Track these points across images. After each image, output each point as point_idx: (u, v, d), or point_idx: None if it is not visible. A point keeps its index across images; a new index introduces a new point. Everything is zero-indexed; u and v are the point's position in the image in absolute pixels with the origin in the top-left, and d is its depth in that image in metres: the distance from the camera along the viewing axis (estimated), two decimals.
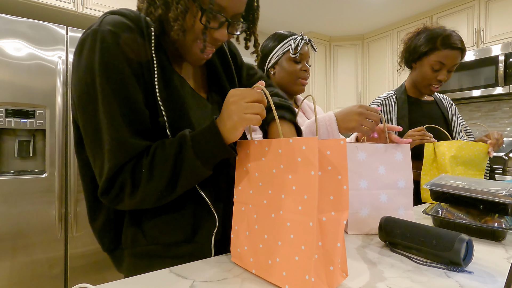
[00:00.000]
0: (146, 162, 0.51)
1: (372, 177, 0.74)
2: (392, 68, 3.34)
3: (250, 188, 0.51)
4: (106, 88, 0.49)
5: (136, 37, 0.52)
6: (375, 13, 3.13)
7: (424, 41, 1.17)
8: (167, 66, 0.57)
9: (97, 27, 0.50)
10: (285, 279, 0.43)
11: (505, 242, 0.66)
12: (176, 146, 0.50)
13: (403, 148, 0.75)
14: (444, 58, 1.13)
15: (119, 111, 0.49)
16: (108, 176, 0.50)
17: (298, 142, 0.43)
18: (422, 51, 1.17)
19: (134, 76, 0.51)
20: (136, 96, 0.52)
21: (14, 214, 1.42)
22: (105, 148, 0.50)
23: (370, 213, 0.73)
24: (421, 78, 1.21)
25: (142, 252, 0.58)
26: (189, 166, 0.50)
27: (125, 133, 0.50)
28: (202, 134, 0.51)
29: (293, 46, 1.05)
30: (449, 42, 1.11)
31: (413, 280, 0.47)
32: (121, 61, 0.50)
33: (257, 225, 0.48)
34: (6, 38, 1.44)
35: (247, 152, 0.52)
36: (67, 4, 1.86)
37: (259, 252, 0.47)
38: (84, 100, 0.50)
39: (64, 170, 1.56)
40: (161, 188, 0.51)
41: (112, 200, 0.52)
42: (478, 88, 2.51)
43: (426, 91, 1.24)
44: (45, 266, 1.49)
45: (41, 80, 1.51)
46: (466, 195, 0.72)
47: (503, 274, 0.50)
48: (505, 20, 2.48)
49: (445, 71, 1.16)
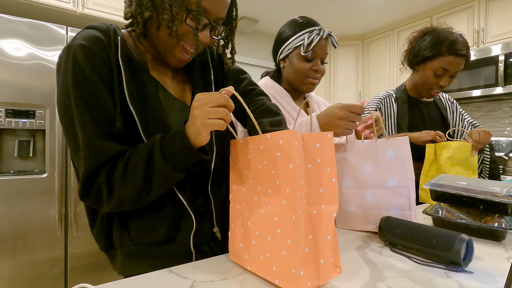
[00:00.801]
0: (120, 166, 0.52)
1: (355, 176, 0.73)
2: (392, 68, 3.34)
3: (243, 186, 0.52)
4: (77, 97, 0.52)
5: (105, 47, 0.56)
6: (375, 13, 3.13)
7: (430, 45, 1.14)
8: (139, 72, 0.59)
9: (71, 42, 0.55)
10: (275, 274, 0.43)
11: (505, 242, 0.66)
12: (147, 151, 0.52)
13: (396, 144, 0.69)
14: (448, 64, 1.11)
15: (91, 118, 0.52)
16: (83, 180, 0.52)
17: (275, 136, 0.43)
18: (426, 55, 1.15)
19: (104, 83, 0.54)
20: (107, 102, 0.54)
21: (14, 214, 1.42)
22: (81, 155, 0.52)
23: (356, 211, 0.73)
24: (423, 81, 1.20)
25: (129, 252, 0.60)
26: (160, 170, 0.51)
27: (97, 138, 0.52)
28: (171, 138, 0.52)
29: (305, 42, 0.91)
30: (455, 49, 1.09)
31: (413, 280, 0.47)
32: (90, 70, 0.53)
33: (249, 222, 0.49)
34: (6, 38, 1.43)
35: (236, 151, 0.52)
36: (67, 4, 1.86)
37: (252, 249, 0.48)
38: (63, 110, 0.53)
39: (64, 170, 1.56)
40: (135, 191, 0.52)
41: (93, 202, 0.55)
42: (478, 88, 2.51)
43: (426, 94, 1.23)
44: (45, 266, 1.49)
45: (41, 80, 1.51)
46: (466, 195, 0.71)
47: (503, 274, 0.50)
48: (505, 20, 2.48)
49: (447, 77, 1.15)
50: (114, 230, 0.60)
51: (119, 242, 0.60)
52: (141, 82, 0.58)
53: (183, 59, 0.61)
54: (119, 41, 0.57)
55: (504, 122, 2.73)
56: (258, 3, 2.92)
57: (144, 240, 0.59)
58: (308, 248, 0.42)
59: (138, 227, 0.59)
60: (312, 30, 0.91)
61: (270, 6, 2.97)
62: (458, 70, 1.14)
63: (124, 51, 0.57)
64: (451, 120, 1.32)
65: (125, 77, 0.55)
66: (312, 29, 0.92)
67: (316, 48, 0.91)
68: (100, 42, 0.55)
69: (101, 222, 0.61)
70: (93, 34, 0.56)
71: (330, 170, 0.43)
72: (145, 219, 0.59)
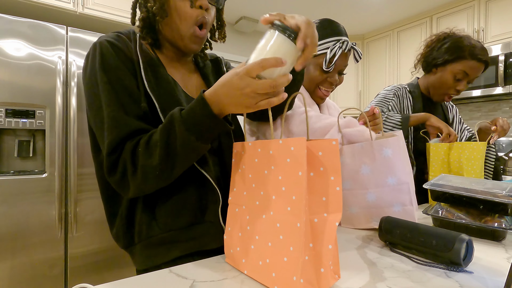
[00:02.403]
0: (143, 141, 0.54)
1: (354, 177, 0.73)
2: (392, 68, 3.34)
3: (244, 190, 0.51)
4: (105, 81, 0.56)
5: (127, 43, 0.62)
6: (375, 13, 3.13)
7: (452, 48, 1.13)
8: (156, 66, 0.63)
9: (97, 41, 0.61)
10: (275, 280, 0.43)
11: (505, 242, 0.66)
12: (167, 123, 0.52)
13: (392, 142, 0.69)
14: (469, 68, 1.10)
15: (116, 97, 0.56)
16: (108, 151, 0.54)
17: (287, 143, 0.43)
18: (448, 58, 1.14)
19: (128, 69, 0.59)
20: (132, 85, 0.59)
21: (14, 214, 1.42)
22: (105, 129, 0.55)
23: (359, 210, 0.73)
24: (440, 84, 1.18)
25: (158, 241, 0.60)
26: (183, 141, 0.51)
27: (122, 113, 0.55)
28: (192, 108, 0.51)
29: (328, 56, 0.84)
30: (477, 53, 1.09)
31: (413, 280, 0.47)
32: (115, 58, 0.59)
33: (249, 226, 0.48)
34: (6, 38, 1.43)
35: (242, 154, 0.52)
36: (67, 4, 1.86)
37: (251, 253, 0.47)
38: (91, 98, 0.58)
39: (64, 170, 1.56)
40: (159, 165, 0.52)
41: (118, 181, 0.56)
42: (478, 88, 2.51)
43: (439, 98, 1.22)
44: (45, 266, 1.49)
45: (41, 80, 1.51)
46: (466, 195, 0.71)
47: (503, 274, 0.50)
48: (505, 20, 2.48)
49: (465, 81, 1.14)
50: (138, 223, 0.61)
51: (146, 233, 0.60)
52: (158, 72, 0.63)
53: (199, 34, 0.64)
54: (138, 37, 0.64)
55: None
56: (258, 3, 2.92)
57: (174, 225, 0.60)
58: (308, 256, 0.42)
59: (166, 213, 0.60)
60: (336, 42, 0.85)
61: (270, 6, 2.97)
62: (477, 76, 1.13)
63: (142, 46, 0.64)
64: (453, 124, 1.33)
65: (143, 66, 0.60)
66: (335, 41, 0.85)
67: (337, 61, 0.86)
68: (122, 39, 0.62)
69: (120, 218, 0.62)
70: (116, 34, 0.63)
71: (334, 178, 0.43)
72: (172, 204, 0.60)
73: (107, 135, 0.54)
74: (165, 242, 0.60)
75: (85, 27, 2.07)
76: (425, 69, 1.26)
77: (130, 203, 0.62)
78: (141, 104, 0.57)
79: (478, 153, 1.05)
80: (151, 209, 0.61)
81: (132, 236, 0.62)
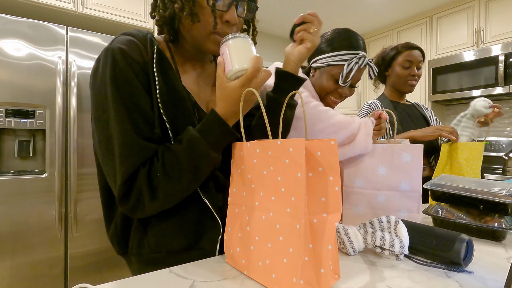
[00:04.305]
0: (159, 165, 0.52)
1: (368, 177, 0.73)
2: None
3: (244, 190, 0.51)
4: (116, 96, 0.52)
5: (142, 54, 0.56)
6: (375, 13, 3.13)
7: (388, 50, 1.38)
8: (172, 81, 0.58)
9: (109, 45, 0.55)
10: (274, 281, 0.43)
11: (505, 242, 0.66)
12: (186, 145, 0.52)
13: (413, 149, 0.70)
14: (409, 56, 1.32)
15: (128, 117, 0.52)
16: (123, 180, 0.51)
17: (286, 143, 0.43)
18: (389, 57, 1.36)
19: (142, 87, 0.55)
20: (145, 103, 0.55)
21: (14, 214, 1.42)
22: (116, 153, 0.51)
23: (364, 211, 0.73)
24: (397, 78, 1.35)
25: (147, 260, 0.59)
26: (209, 159, 0.53)
27: (135, 136, 0.52)
28: (209, 127, 0.54)
29: (344, 72, 0.83)
30: (408, 45, 1.33)
31: (413, 280, 0.47)
32: (129, 72, 0.53)
33: (248, 227, 0.48)
34: (6, 38, 1.43)
35: (241, 154, 0.52)
36: (67, 4, 1.86)
37: (250, 254, 0.47)
38: (99, 111, 0.54)
39: (64, 170, 1.56)
40: (183, 186, 0.53)
41: (132, 207, 0.53)
42: (478, 88, 2.51)
43: (406, 88, 1.35)
44: (45, 266, 1.49)
45: (41, 80, 1.51)
46: (466, 195, 0.72)
47: (503, 274, 0.50)
48: (505, 20, 2.48)
49: (414, 66, 1.32)
50: (132, 237, 0.59)
51: (136, 250, 0.59)
52: (174, 91, 0.58)
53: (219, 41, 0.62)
54: (155, 50, 0.57)
55: (504, 122, 2.73)
56: (258, 3, 2.91)
57: (165, 247, 0.58)
58: (308, 257, 0.42)
59: (159, 233, 0.58)
60: (353, 57, 0.84)
61: (270, 6, 2.97)
62: (420, 61, 1.33)
63: (159, 60, 0.57)
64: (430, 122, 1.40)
65: (158, 85, 0.55)
66: (353, 55, 0.84)
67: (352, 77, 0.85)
68: (137, 49, 0.56)
69: (115, 227, 0.60)
70: (131, 40, 0.56)
71: (333, 178, 0.42)
72: (167, 225, 0.58)
73: (123, 162, 0.51)
74: (153, 263, 0.58)
75: (85, 27, 2.07)
76: (381, 80, 1.46)
77: (125, 215, 0.60)
78: (155, 130, 0.55)
79: (477, 152, 1.06)
80: (144, 227, 0.58)
81: (126, 246, 0.61)
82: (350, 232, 0.57)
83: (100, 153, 0.54)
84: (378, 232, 0.56)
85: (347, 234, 0.57)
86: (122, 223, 0.60)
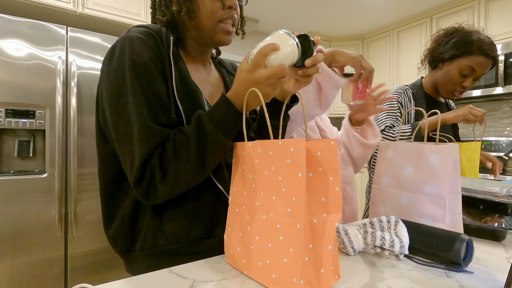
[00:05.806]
0: (170, 146, 0.53)
1: (395, 175, 0.72)
2: (392, 68, 3.34)
3: (245, 190, 0.51)
4: (135, 82, 0.54)
5: (158, 43, 0.59)
6: (375, 13, 3.13)
7: (459, 42, 1.08)
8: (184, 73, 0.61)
9: (126, 34, 0.57)
10: (274, 281, 0.43)
11: (505, 242, 0.66)
12: (194, 125, 0.53)
13: (444, 150, 0.65)
14: (476, 64, 1.06)
15: (147, 101, 0.54)
16: (140, 163, 0.52)
17: (287, 143, 0.43)
18: (455, 52, 1.09)
19: (159, 74, 0.57)
20: (162, 90, 0.56)
21: (14, 214, 1.42)
22: (135, 137, 0.53)
23: (389, 210, 0.72)
24: (446, 80, 1.13)
25: (162, 252, 0.59)
26: (213, 139, 0.53)
27: (153, 120, 0.54)
28: (216, 108, 0.54)
29: None
30: (485, 49, 1.04)
31: (413, 280, 0.47)
32: (147, 60, 0.55)
33: (249, 227, 0.48)
34: (6, 38, 1.43)
35: (242, 154, 0.52)
36: (67, 4, 1.86)
37: (250, 254, 0.47)
38: (115, 97, 0.55)
39: (64, 170, 1.56)
40: (191, 166, 0.53)
41: (145, 190, 0.54)
42: (478, 88, 2.51)
43: (447, 95, 1.17)
44: (45, 266, 1.49)
45: (41, 80, 1.51)
46: (466, 195, 0.72)
47: (503, 274, 0.50)
48: (505, 20, 2.48)
49: (472, 78, 1.09)
50: (144, 230, 0.59)
51: (151, 243, 0.59)
52: (187, 83, 0.61)
53: (229, 30, 0.63)
54: (171, 41, 0.60)
55: (504, 122, 2.73)
56: (258, 3, 2.91)
57: (183, 237, 0.59)
58: (308, 257, 0.42)
59: (175, 223, 0.58)
60: None
61: (270, 6, 2.97)
62: (485, 73, 1.09)
63: (174, 50, 0.60)
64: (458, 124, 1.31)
65: (174, 74, 0.58)
66: None
67: None
68: (153, 38, 0.58)
69: (122, 222, 0.60)
70: (147, 30, 0.59)
71: (333, 178, 0.42)
72: (182, 215, 0.59)
73: (141, 146, 0.52)
74: (170, 254, 0.59)
75: (85, 27, 2.07)
76: (431, 64, 1.21)
77: (134, 206, 0.60)
78: (171, 115, 0.57)
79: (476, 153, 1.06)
80: (160, 217, 0.59)
81: (133, 241, 0.60)
82: (350, 232, 0.57)
83: (116, 139, 0.55)
84: (378, 232, 0.56)
85: (347, 234, 0.57)
86: (130, 214, 0.60)
